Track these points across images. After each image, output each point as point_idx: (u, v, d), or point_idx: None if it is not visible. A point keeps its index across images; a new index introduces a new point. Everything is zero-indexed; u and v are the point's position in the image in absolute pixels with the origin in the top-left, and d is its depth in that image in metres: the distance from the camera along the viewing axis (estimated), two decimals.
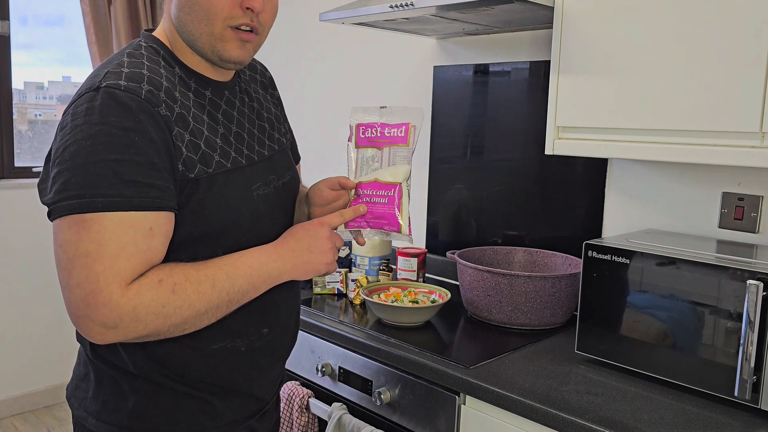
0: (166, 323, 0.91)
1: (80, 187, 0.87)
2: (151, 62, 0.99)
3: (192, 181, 0.96)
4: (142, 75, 0.95)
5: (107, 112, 0.89)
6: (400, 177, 1.14)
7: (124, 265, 0.88)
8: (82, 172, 0.87)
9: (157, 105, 0.93)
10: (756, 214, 1.51)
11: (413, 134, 1.15)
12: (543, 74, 1.91)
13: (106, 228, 0.87)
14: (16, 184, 3.02)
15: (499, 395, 1.27)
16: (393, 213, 1.12)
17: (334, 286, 1.93)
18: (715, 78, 1.26)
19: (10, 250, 3.01)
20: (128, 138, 0.89)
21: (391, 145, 1.15)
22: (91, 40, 3.11)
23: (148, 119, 0.92)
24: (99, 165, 0.87)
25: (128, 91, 0.91)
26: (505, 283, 1.59)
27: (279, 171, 1.15)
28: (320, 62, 2.65)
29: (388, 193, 1.13)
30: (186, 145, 0.96)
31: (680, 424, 1.15)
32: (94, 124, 0.89)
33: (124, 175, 0.88)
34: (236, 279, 0.97)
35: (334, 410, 1.59)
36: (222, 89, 1.09)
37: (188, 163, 0.96)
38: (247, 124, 1.12)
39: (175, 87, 0.99)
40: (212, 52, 1.01)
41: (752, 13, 1.20)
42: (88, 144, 0.88)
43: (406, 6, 1.59)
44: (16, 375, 3.08)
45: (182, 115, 0.97)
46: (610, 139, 1.44)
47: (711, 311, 1.22)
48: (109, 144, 0.88)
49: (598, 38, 1.43)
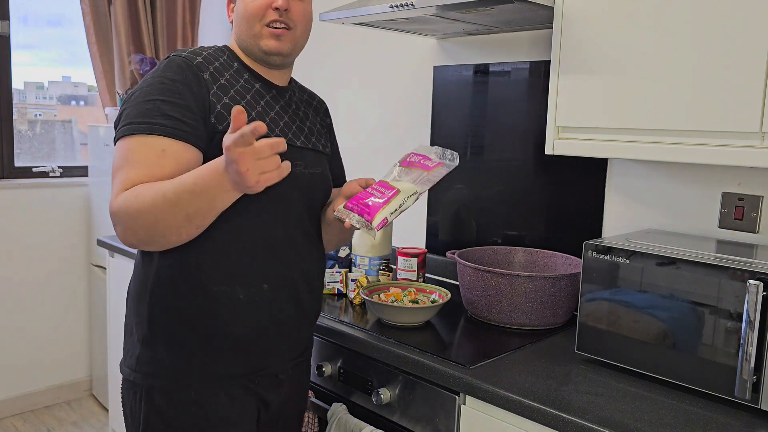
0: (138, 223, 1.11)
1: (133, 117, 1.16)
2: (215, 52, 1.31)
3: (220, 132, 1.19)
4: (200, 53, 1.27)
5: (165, 70, 1.21)
6: (405, 189, 1.29)
7: (131, 176, 1.13)
8: (136, 107, 1.17)
9: (203, 71, 1.23)
10: (756, 214, 1.51)
11: (439, 169, 1.33)
12: (543, 74, 1.91)
13: (132, 147, 1.15)
14: (16, 184, 3.02)
15: (499, 395, 1.27)
16: (377, 206, 1.25)
17: (334, 286, 1.93)
18: (715, 78, 1.26)
19: (9, 250, 3.01)
20: (175, 87, 1.19)
21: (420, 170, 1.34)
22: (91, 40, 3.11)
23: (194, 78, 1.21)
24: (149, 103, 1.17)
25: (185, 59, 1.23)
26: (505, 283, 1.59)
27: (307, 162, 1.34)
28: (320, 62, 2.65)
29: (386, 192, 1.27)
30: (221, 105, 1.22)
31: (680, 424, 1.15)
32: (155, 77, 1.21)
33: (165, 111, 1.16)
34: (184, 179, 1.12)
35: (334, 410, 1.59)
36: (270, 87, 1.35)
37: (219, 117, 1.21)
38: (285, 117, 1.35)
39: (227, 70, 1.29)
40: (257, 48, 1.29)
41: (752, 13, 1.20)
42: (147, 89, 1.19)
43: (406, 6, 1.59)
44: (16, 375, 3.09)
45: (224, 85, 1.25)
46: (610, 139, 1.44)
47: (711, 311, 1.22)
48: (161, 90, 1.18)
49: (598, 38, 1.43)
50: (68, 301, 3.22)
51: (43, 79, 3.34)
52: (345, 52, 2.54)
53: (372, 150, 2.45)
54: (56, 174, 3.19)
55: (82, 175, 3.26)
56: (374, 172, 2.43)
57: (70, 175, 3.25)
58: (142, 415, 1.26)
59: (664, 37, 1.33)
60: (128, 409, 1.30)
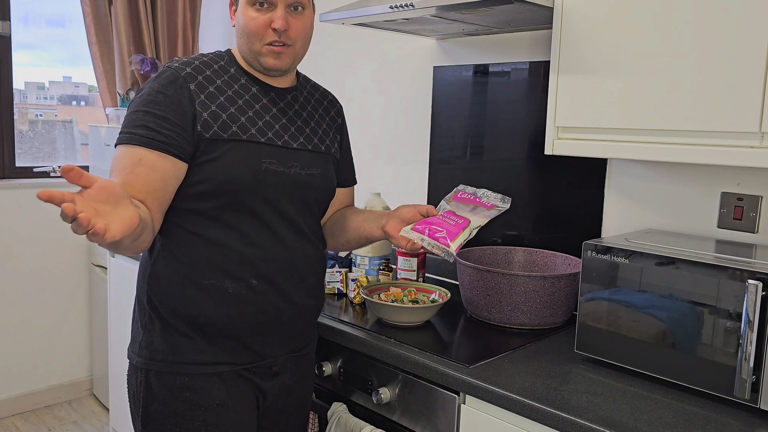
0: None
1: (123, 126, 1.25)
2: (211, 59, 1.34)
3: (207, 140, 1.26)
4: (192, 62, 1.31)
5: (154, 82, 1.27)
6: (473, 221, 1.40)
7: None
8: (128, 117, 1.26)
9: (190, 82, 1.27)
10: (755, 214, 1.51)
11: (495, 210, 1.43)
12: (543, 74, 1.91)
13: (117, 155, 1.23)
14: (16, 184, 3.02)
15: (499, 395, 1.27)
16: (454, 232, 1.35)
17: (334, 285, 1.93)
18: (715, 78, 1.26)
19: (10, 250, 3.01)
20: (157, 98, 1.25)
21: (476, 205, 1.44)
22: (91, 41, 3.11)
23: (178, 89, 1.26)
24: (136, 113, 1.24)
25: (175, 70, 1.28)
26: (504, 283, 1.60)
27: (304, 163, 1.38)
28: (320, 63, 2.65)
29: (458, 221, 1.39)
30: (208, 113, 1.27)
31: (679, 424, 1.15)
32: (147, 87, 1.28)
33: (145, 122, 1.23)
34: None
35: (334, 409, 1.59)
36: (268, 90, 1.38)
37: (205, 125, 1.26)
38: (283, 119, 1.38)
39: (221, 76, 1.33)
40: (258, 63, 1.33)
41: (752, 13, 1.21)
42: (137, 100, 1.27)
43: (406, 7, 1.59)
44: (17, 374, 3.09)
45: (213, 93, 1.29)
46: (610, 139, 1.44)
47: (710, 311, 1.22)
48: (146, 101, 1.25)
49: (597, 39, 1.43)
50: (69, 300, 3.23)
51: (44, 79, 3.34)
52: (345, 52, 2.54)
53: (372, 150, 2.45)
54: (57, 174, 3.19)
55: None
56: (374, 172, 2.44)
57: None
58: (142, 397, 1.33)
59: (664, 37, 1.33)
60: (132, 392, 1.36)
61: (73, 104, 3.50)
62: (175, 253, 1.30)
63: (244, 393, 1.35)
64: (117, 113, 3.08)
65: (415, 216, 1.42)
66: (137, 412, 1.35)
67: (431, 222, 1.38)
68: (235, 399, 1.34)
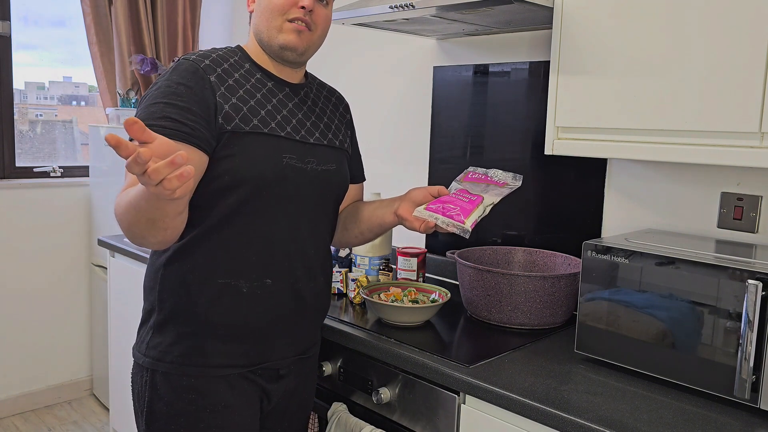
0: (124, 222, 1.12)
1: (143, 120, 1.17)
2: (226, 53, 1.33)
3: (228, 133, 1.24)
4: (209, 55, 1.30)
5: (173, 74, 1.24)
6: (486, 198, 1.36)
7: (130, 177, 1.16)
8: (146, 110, 1.20)
9: (210, 73, 1.26)
10: (755, 214, 1.51)
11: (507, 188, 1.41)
12: (543, 74, 1.91)
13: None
14: (17, 184, 3.02)
15: (499, 395, 1.27)
16: (468, 209, 1.33)
17: (334, 285, 1.93)
18: (715, 78, 1.26)
19: (11, 250, 3.01)
20: (178, 90, 1.21)
21: (488, 184, 1.42)
22: (92, 41, 3.11)
23: (199, 81, 1.23)
24: (156, 105, 1.20)
25: (193, 62, 1.26)
26: (504, 283, 1.60)
27: (320, 158, 1.37)
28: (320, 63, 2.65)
29: (471, 198, 1.36)
30: (229, 106, 1.25)
31: (679, 424, 1.15)
32: (163, 80, 1.24)
33: (167, 113, 1.18)
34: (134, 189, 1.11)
35: (334, 409, 1.59)
36: (283, 85, 1.37)
37: (227, 118, 1.24)
38: (299, 114, 1.37)
39: (237, 70, 1.31)
40: (274, 41, 1.30)
41: (752, 13, 1.21)
42: (154, 93, 1.22)
43: (406, 7, 1.60)
44: (17, 374, 3.09)
45: (233, 86, 1.28)
46: (610, 139, 1.44)
47: (710, 311, 1.22)
48: (165, 93, 1.21)
49: (597, 38, 1.43)
50: (69, 300, 3.23)
51: (44, 79, 3.34)
52: (345, 52, 2.54)
53: (372, 150, 2.45)
54: (57, 174, 3.19)
55: (83, 175, 3.27)
56: (374, 172, 2.44)
57: (70, 175, 3.25)
58: (147, 397, 1.32)
59: (664, 37, 1.33)
60: (136, 392, 1.35)
61: (73, 104, 3.50)
62: (189, 253, 1.28)
63: (249, 395, 1.35)
64: (117, 113, 3.08)
65: (427, 197, 1.40)
66: (141, 411, 1.34)
67: (444, 201, 1.37)
68: (240, 401, 1.33)
